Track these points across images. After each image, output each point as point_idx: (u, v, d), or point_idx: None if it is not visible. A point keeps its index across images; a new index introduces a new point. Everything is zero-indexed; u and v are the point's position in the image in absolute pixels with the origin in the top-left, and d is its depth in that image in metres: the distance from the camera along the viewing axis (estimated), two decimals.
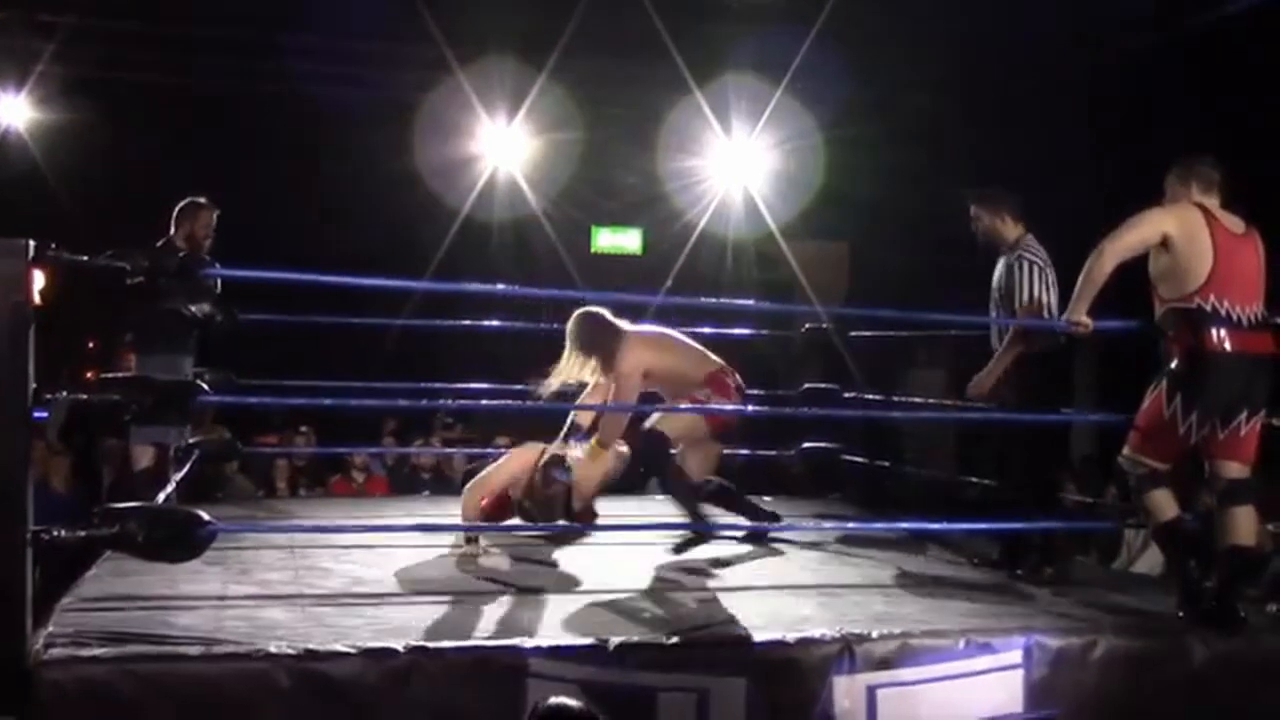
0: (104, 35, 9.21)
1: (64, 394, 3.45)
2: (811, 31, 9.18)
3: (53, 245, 3.29)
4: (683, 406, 5.43)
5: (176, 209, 6.12)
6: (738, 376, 5.61)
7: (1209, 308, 4.15)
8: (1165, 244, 4.20)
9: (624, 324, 5.57)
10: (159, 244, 5.92)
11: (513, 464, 5.49)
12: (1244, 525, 4.18)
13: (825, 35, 9.18)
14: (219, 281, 5.89)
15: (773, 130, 10.60)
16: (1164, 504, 4.28)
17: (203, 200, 6.17)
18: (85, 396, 3.53)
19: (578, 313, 5.61)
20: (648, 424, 5.42)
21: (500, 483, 5.44)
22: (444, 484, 8.69)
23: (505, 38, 9.58)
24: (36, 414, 8.04)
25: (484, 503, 5.42)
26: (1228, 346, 4.14)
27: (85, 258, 3.52)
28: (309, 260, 4.86)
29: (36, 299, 3.40)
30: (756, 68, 10.02)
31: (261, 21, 9.18)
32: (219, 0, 9.18)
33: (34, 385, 3.30)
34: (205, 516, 3.63)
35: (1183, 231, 4.18)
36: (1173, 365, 4.25)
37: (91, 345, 12.16)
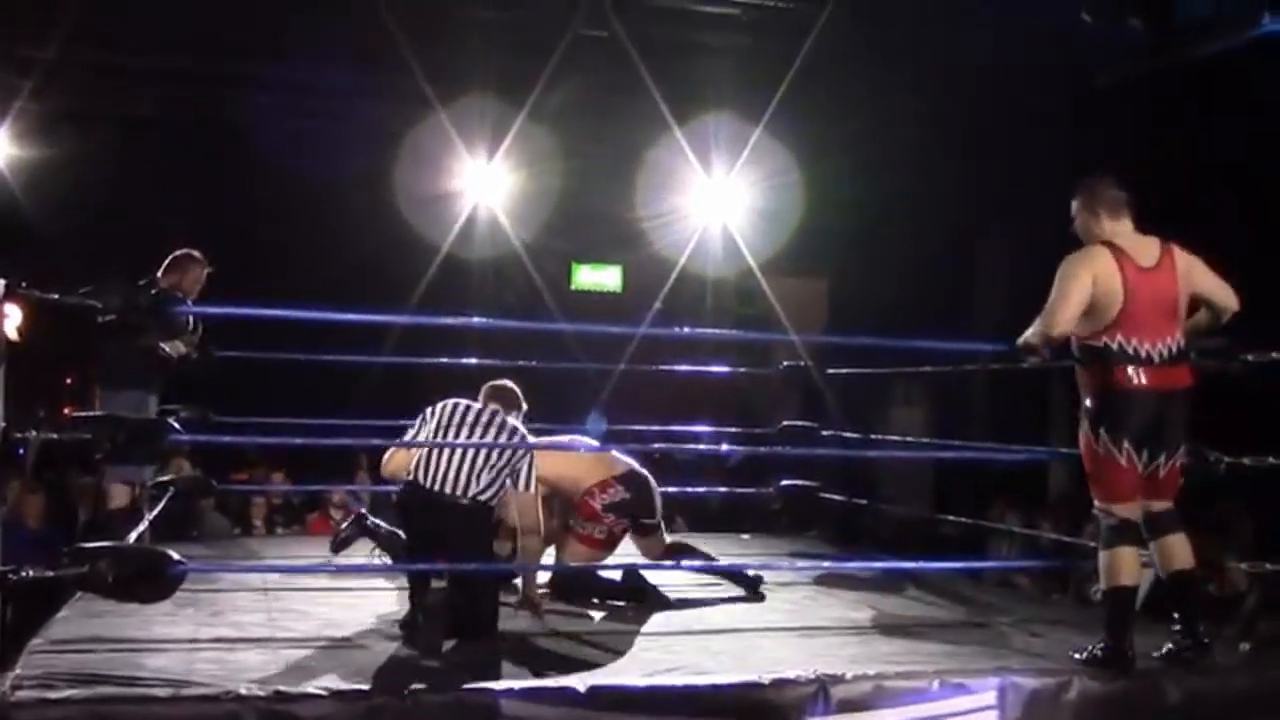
0: (83, 69, 9.21)
1: (34, 432, 3.41)
2: (790, 69, 9.25)
3: (23, 283, 3.27)
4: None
5: (169, 258, 6.08)
6: (617, 490, 5.49)
7: (1116, 346, 4.14)
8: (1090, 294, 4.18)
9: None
10: (141, 283, 5.89)
11: None
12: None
13: (804, 73, 9.25)
14: (196, 321, 5.87)
15: (752, 167, 10.64)
16: (1125, 565, 4.16)
17: (196, 254, 6.13)
18: (55, 435, 3.50)
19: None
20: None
21: None
22: None
23: (486, 74, 9.61)
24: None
25: None
26: (1137, 382, 4.13)
27: (56, 295, 3.51)
28: (288, 296, 4.86)
29: (14, 335, 3.39)
30: (735, 105, 10.07)
31: (242, 55, 9.20)
32: (200, 34, 9.19)
33: (2, 424, 3.27)
34: (175, 556, 3.60)
35: (1098, 278, 4.14)
36: (1087, 402, 4.26)
37: (69, 381, 12.10)
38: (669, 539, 5.78)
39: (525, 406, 5.23)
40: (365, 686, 3.50)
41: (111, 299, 3.50)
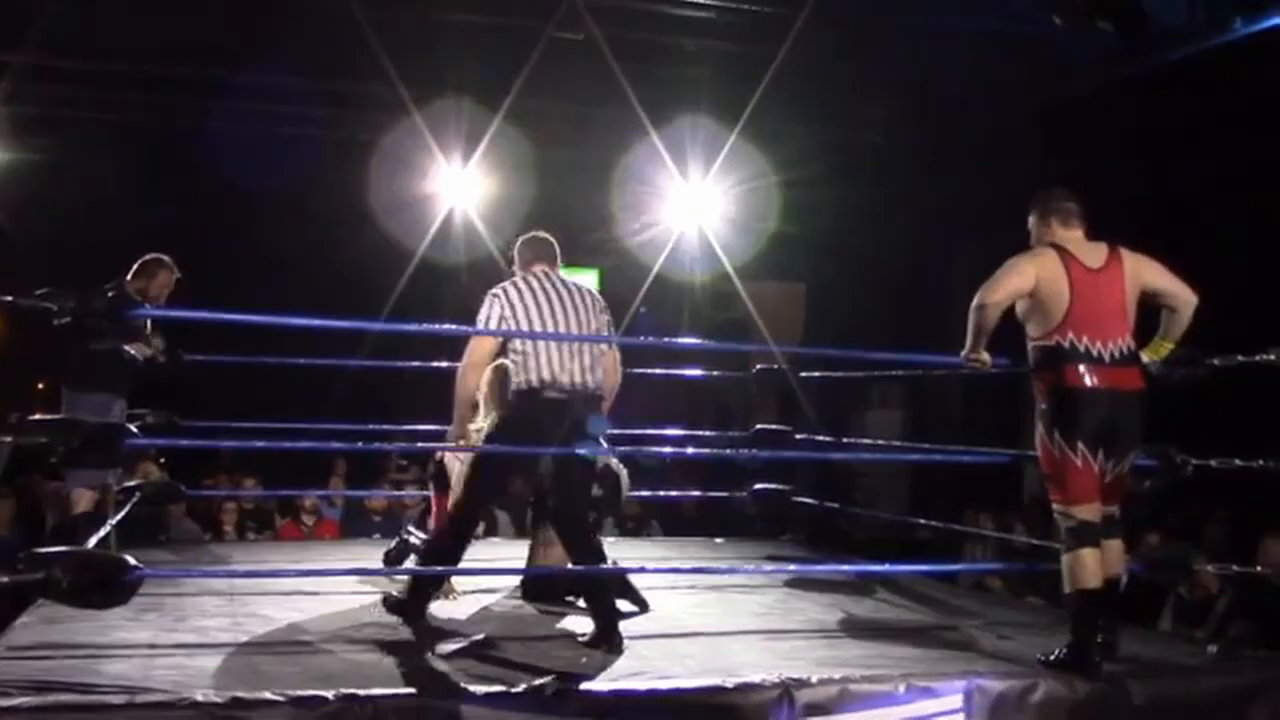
0: (56, 74, 9.15)
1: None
2: (767, 74, 9.24)
3: None
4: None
5: (137, 263, 6.05)
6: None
7: (1067, 344, 4.17)
8: (1030, 290, 4.24)
9: None
10: (107, 287, 5.84)
11: None
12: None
13: (780, 77, 9.25)
14: (150, 323, 5.82)
15: (728, 172, 10.62)
16: (1087, 568, 4.15)
17: (165, 259, 6.11)
18: (8, 438, 3.45)
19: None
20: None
21: None
22: (395, 526, 8.58)
23: (462, 79, 9.58)
24: None
25: None
26: (1088, 382, 4.15)
27: (10, 298, 3.47)
28: (265, 301, 4.82)
29: None
30: (711, 109, 10.07)
31: (215, 60, 9.15)
32: (174, 37, 9.14)
33: None
34: (131, 562, 3.56)
35: (1041, 275, 4.21)
36: (1041, 405, 4.27)
37: (42, 387, 12.01)
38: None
39: None
40: (324, 692, 3.45)
41: (66, 301, 3.45)
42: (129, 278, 6.02)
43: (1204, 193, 7.70)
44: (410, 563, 5.32)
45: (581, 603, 5.14)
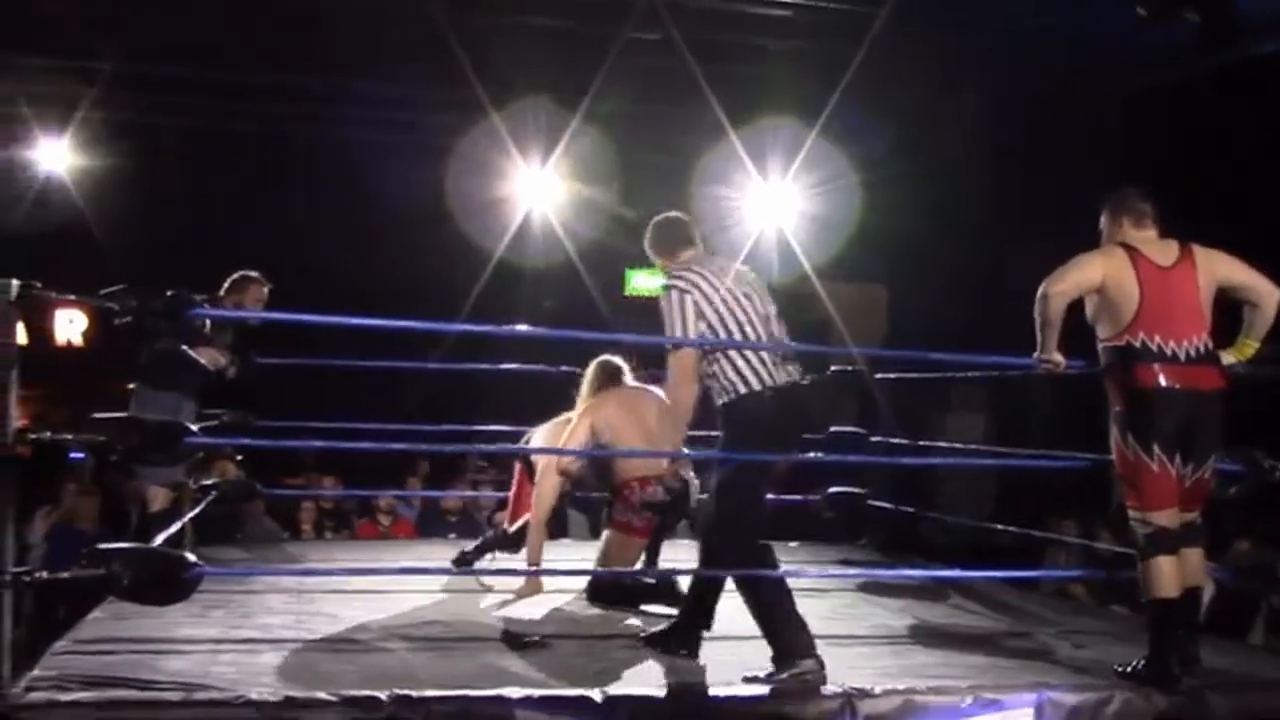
0: (143, 80, 9.33)
1: (48, 434, 3.41)
2: (847, 72, 9.12)
3: (38, 284, 3.27)
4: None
5: (229, 280, 6.13)
6: (658, 490, 5.35)
7: (1139, 344, 4.03)
8: (1097, 286, 4.12)
9: (625, 380, 5.55)
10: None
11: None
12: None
13: (860, 76, 9.12)
14: (229, 336, 5.90)
15: (808, 172, 10.51)
16: (1165, 576, 3.99)
17: (255, 274, 6.18)
18: (70, 436, 3.49)
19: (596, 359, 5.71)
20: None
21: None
22: (471, 527, 8.62)
23: (540, 80, 9.59)
24: (73, 455, 8.06)
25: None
26: (1163, 382, 4.00)
27: (72, 296, 3.51)
28: (342, 302, 4.84)
29: (23, 339, 3.38)
30: (791, 108, 9.96)
31: (299, 65, 9.27)
32: (255, 45, 9.28)
33: (16, 424, 3.27)
34: (191, 559, 3.57)
35: (1109, 273, 4.09)
36: (1115, 407, 4.13)
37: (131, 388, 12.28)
38: None
39: None
40: (378, 693, 3.43)
41: (128, 301, 3.48)
42: (221, 294, 6.10)
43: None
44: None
45: (648, 607, 5.09)
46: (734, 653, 4.25)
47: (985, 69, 8.94)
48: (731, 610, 4.89)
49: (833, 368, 7.28)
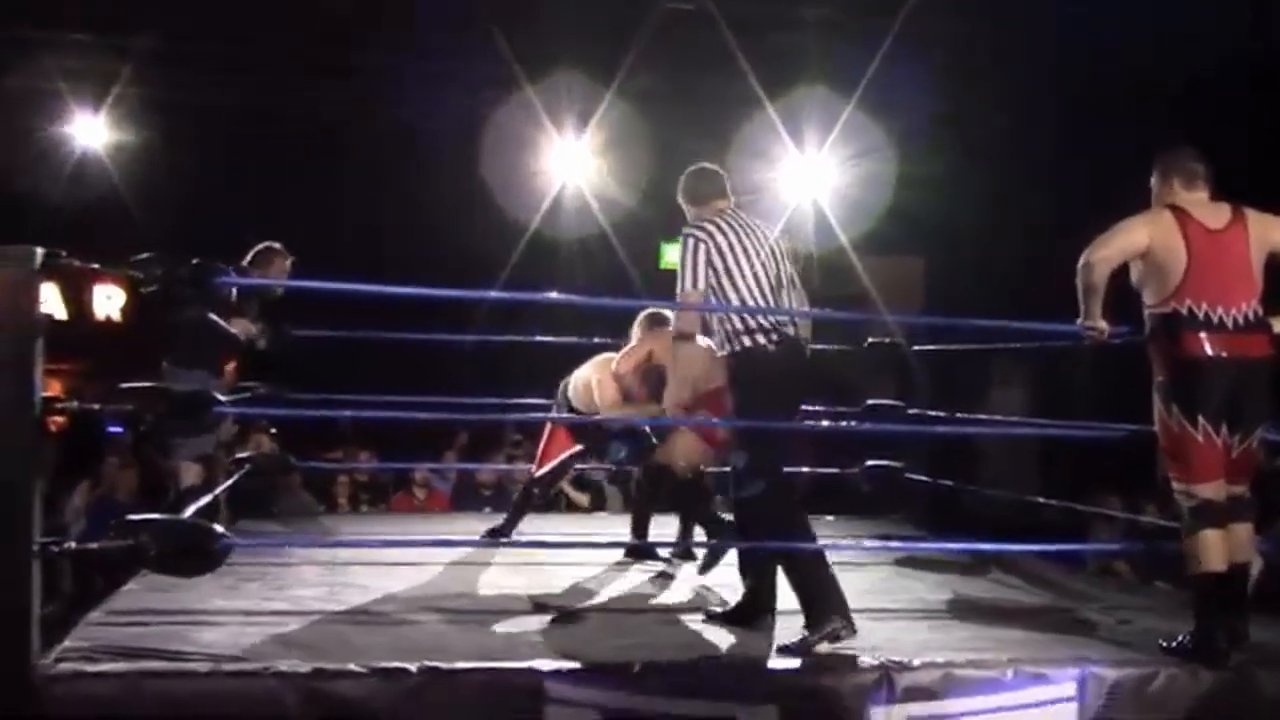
0: (179, 57, 9.34)
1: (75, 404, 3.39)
2: (884, 44, 8.99)
3: (63, 253, 3.24)
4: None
5: (252, 252, 6.10)
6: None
7: (1185, 311, 3.90)
8: (1142, 251, 3.99)
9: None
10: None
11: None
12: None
13: (898, 48, 8.99)
14: (256, 307, 5.88)
15: (845, 144, 10.40)
16: (1211, 550, 3.88)
17: (278, 246, 6.14)
18: (98, 406, 3.47)
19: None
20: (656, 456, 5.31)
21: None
22: (506, 500, 8.58)
23: (574, 53, 9.53)
24: (111, 428, 8.04)
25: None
26: (1208, 350, 3.87)
27: (96, 265, 3.48)
28: (378, 275, 4.78)
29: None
30: (829, 81, 9.84)
31: (334, 41, 9.25)
32: (290, 21, 9.26)
33: (42, 395, 3.24)
34: (219, 530, 3.55)
35: (1155, 237, 3.96)
36: (1159, 376, 4.02)
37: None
38: None
39: None
40: (408, 664, 3.40)
41: (153, 269, 3.45)
42: (245, 265, 6.07)
43: None
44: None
45: (682, 577, 5.05)
46: (766, 625, 4.21)
47: (1029, 42, 8.77)
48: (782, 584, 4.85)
49: (870, 340, 7.19)
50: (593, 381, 5.63)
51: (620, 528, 5.92)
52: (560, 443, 5.87)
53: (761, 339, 4.09)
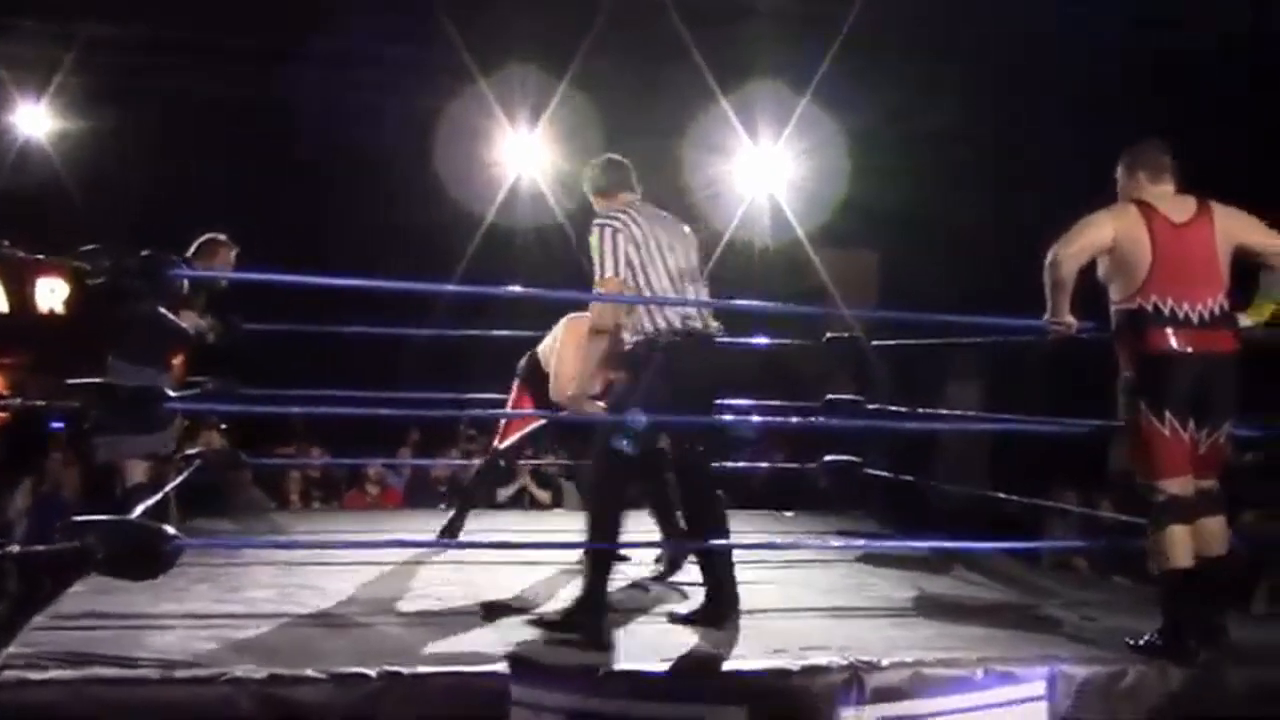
0: (122, 43, 9.14)
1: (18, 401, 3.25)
2: (839, 36, 8.97)
3: (6, 241, 3.11)
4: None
5: (196, 243, 5.94)
6: None
7: (1151, 307, 3.89)
8: (1108, 247, 3.98)
9: None
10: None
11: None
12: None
13: (853, 38, 8.97)
14: (204, 300, 5.75)
15: (800, 136, 10.36)
16: (1178, 546, 3.87)
17: (222, 238, 5.98)
18: (43, 402, 3.34)
19: None
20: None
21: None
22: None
23: (528, 45, 9.43)
24: (53, 424, 7.85)
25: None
26: (1175, 346, 3.87)
27: (41, 256, 3.35)
28: (330, 268, 4.67)
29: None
30: (782, 73, 9.81)
31: (282, 27, 9.08)
32: (238, 6, 9.07)
33: None
34: (170, 531, 3.43)
35: (1121, 232, 3.95)
36: (1125, 372, 4.01)
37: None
38: None
39: None
40: (367, 669, 3.30)
41: (101, 260, 3.32)
42: (188, 257, 5.92)
43: None
44: None
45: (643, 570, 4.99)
46: (732, 626, 4.15)
47: (985, 30, 8.76)
48: (741, 586, 4.79)
49: (829, 334, 7.16)
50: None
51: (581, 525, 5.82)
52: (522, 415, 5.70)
53: (672, 332, 4.11)
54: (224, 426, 7.36)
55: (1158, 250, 3.90)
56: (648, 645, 3.81)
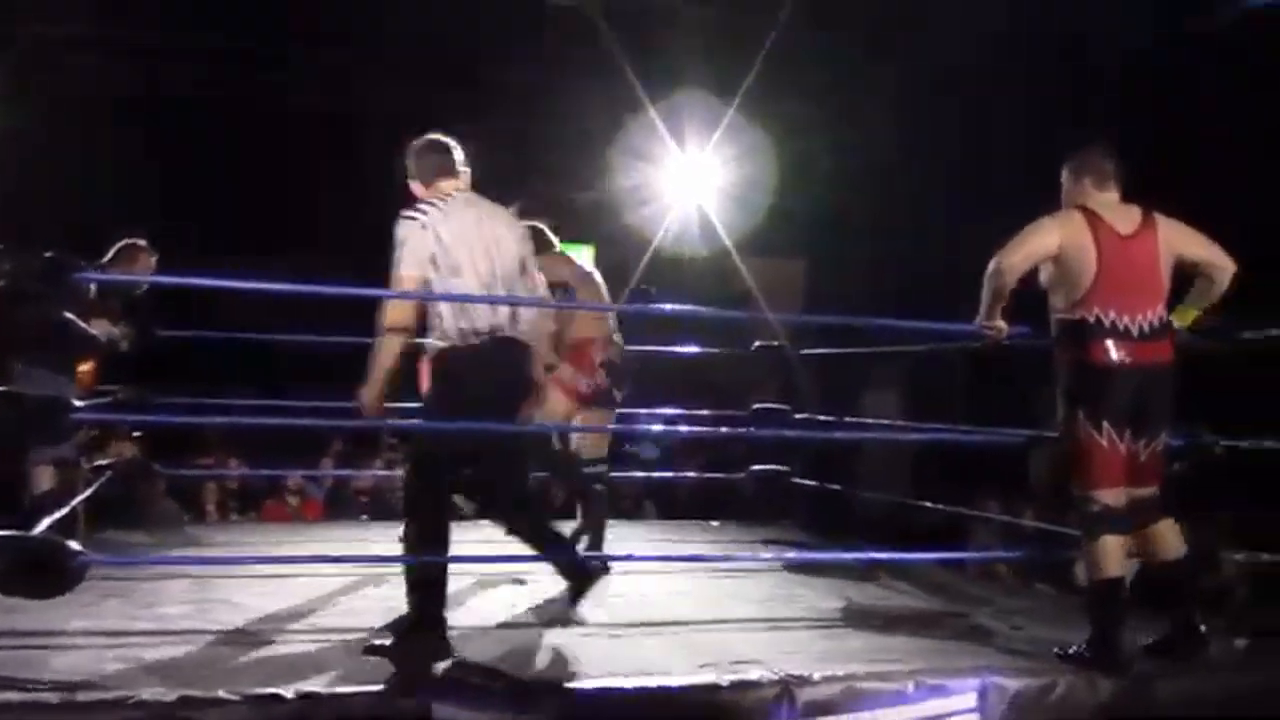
0: (50, 41, 8.89)
1: None
2: (766, 41, 8.99)
3: None
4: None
5: (114, 249, 5.74)
6: (613, 351, 5.39)
7: (1093, 319, 3.89)
8: (1053, 255, 3.97)
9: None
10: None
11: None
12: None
13: (780, 46, 8.99)
14: (119, 309, 5.57)
15: (727, 144, 10.36)
16: (1110, 556, 3.87)
17: (142, 243, 5.77)
18: None
19: None
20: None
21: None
22: (383, 508, 8.33)
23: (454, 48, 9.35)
24: None
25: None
26: (1115, 358, 3.87)
27: None
28: (264, 271, 4.51)
29: None
30: (710, 81, 9.81)
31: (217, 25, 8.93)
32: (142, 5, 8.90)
33: None
34: (75, 547, 3.27)
35: (1066, 240, 3.94)
36: (1064, 382, 4.01)
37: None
38: None
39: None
40: (283, 690, 3.17)
41: (1, 263, 3.16)
42: (105, 262, 5.71)
43: (1239, 162, 7.35)
44: None
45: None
46: (661, 640, 4.08)
47: (910, 38, 8.81)
48: (662, 597, 4.72)
49: (757, 343, 7.13)
50: None
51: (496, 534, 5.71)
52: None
53: (473, 336, 3.85)
54: (137, 434, 7.13)
55: (1103, 261, 3.89)
56: (572, 661, 3.72)
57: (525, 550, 4.10)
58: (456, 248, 3.83)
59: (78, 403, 3.69)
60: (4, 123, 9.60)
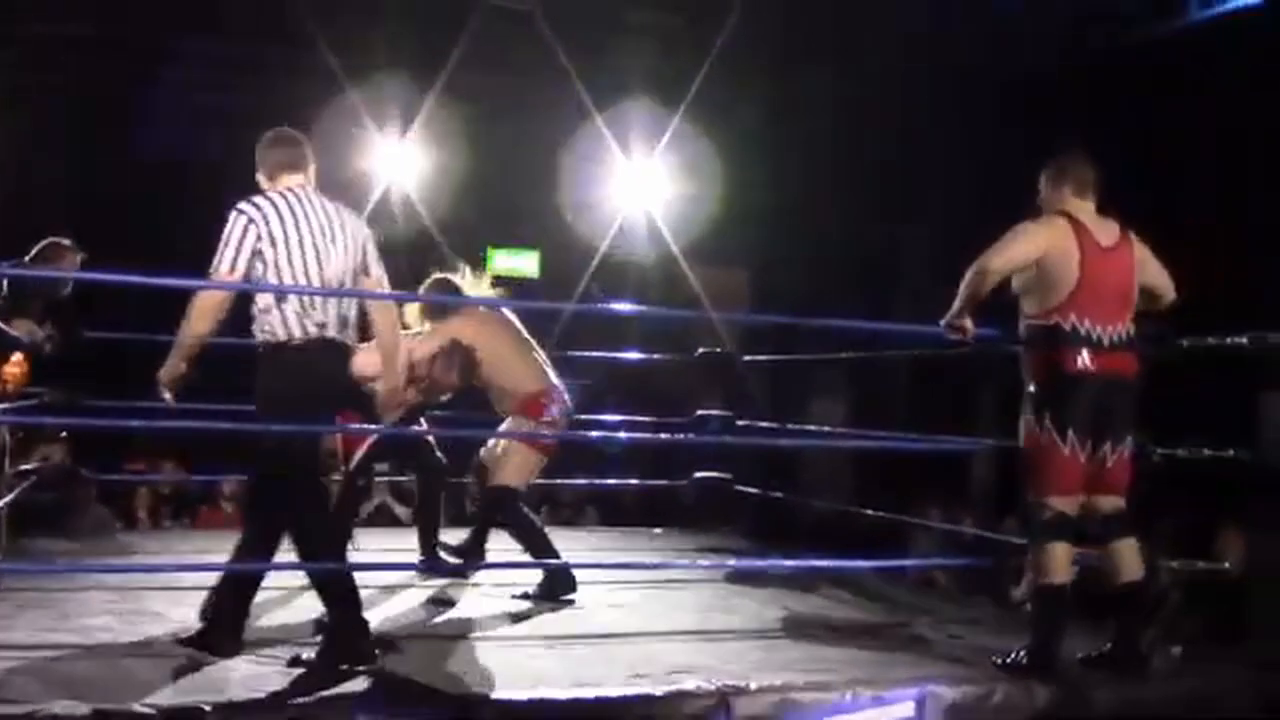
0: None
1: None
2: (713, 49, 8.98)
3: None
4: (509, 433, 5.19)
5: (36, 248, 5.57)
6: (564, 400, 5.27)
7: (1068, 326, 3.90)
8: (1038, 260, 3.96)
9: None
10: None
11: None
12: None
13: (727, 53, 8.98)
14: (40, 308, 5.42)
15: (673, 151, 10.33)
16: (1056, 563, 3.89)
17: (66, 242, 5.61)
18: None
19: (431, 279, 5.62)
20: (492, 479, 5.16)
21: None
22: None
23: (398, 51, 9.24)
24: None
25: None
26: (1084, 366, 3.88)
27: None
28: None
29: None
30: (656, 87, 9.78)
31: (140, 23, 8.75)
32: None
33: None
34: None
35: (1053, 246, 3.94)
36: (1031, 387, 4.01)
37: None
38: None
39: None
40: (203, 703, 3.07)
41: None
42: (26, 261, 5.55)
43: (1169, 182, 7.45)
44: None
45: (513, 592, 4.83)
46: (597, 650, 4.02)
47: (855, 49, 8.83)
48: (599, 607, 4.66)
49: (701, 349, 7.10)
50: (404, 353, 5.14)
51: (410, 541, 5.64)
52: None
53: (298, 334, 3.72)
54: (64, 435, 6.96)
55: (1085, 270, 3.91)
56: (507, 674, 3.64)
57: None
58: (286, 245, 3.72)
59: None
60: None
